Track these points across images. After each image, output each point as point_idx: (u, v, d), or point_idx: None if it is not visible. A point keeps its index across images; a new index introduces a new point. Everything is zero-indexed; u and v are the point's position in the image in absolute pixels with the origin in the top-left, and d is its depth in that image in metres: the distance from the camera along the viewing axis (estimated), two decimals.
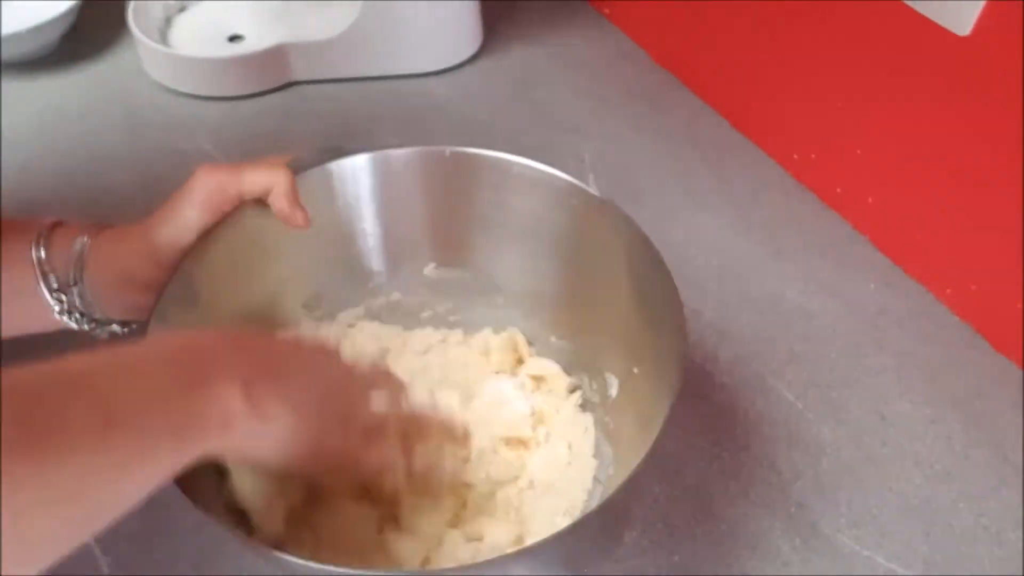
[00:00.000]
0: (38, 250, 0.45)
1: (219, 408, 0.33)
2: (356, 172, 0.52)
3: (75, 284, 0.45)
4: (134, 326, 0.48)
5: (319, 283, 0.54)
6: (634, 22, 0.89)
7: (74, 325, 0.46)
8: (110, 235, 0.47)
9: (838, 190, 0.71)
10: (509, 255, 0.54)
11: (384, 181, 0.52)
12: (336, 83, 0.82)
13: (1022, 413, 0.57)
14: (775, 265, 0.67)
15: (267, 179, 0.46)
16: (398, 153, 0.52)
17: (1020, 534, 0.51)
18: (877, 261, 0.67)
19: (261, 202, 0.47)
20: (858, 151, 0.67)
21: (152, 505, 0.50)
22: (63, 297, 0.45)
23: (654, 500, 0.52)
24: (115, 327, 0.48)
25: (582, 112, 0.81)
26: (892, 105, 0.62)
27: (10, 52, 0.80)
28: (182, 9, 0.87)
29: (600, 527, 0.47)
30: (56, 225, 0.46)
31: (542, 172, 0.50)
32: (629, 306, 0.48)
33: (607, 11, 0.92)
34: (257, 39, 0.82)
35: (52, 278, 0.44)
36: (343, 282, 0.55)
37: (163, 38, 0.83)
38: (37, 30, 0.79)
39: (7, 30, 0.77)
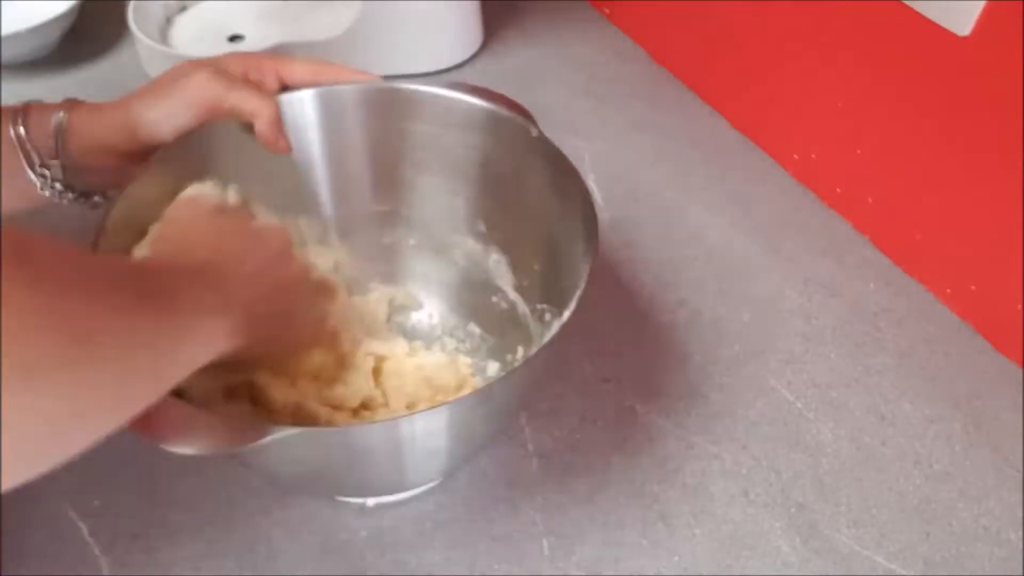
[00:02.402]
0: (16, 128, 0.46)
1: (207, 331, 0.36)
2: (302, 105, 0.52)
3: (56, 157, 0.47)
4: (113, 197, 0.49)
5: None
6: (634, 22, 0.89)
7: (57, 199, 0.48)
8: (88, 108, 0.48)
9: (838, 190, 0.71)
10: (443, 186, 0.56)
11: (328, 116, 0.53)
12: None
13: (1022, 413, 0.57)
14: (775, 265, 0.67)
15: (255, 104, 0.49)
16: (343, 89, 0.53)
17: (1020, 534, 0.51)
18: (877, 261, 0.67)
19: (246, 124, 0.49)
20: (858, 151, 0.67)
21: (152, 504, 0.50)
22: (46, 172, 0.47)
23: (654, 500, 0.52)
24: (97, 198, 0.50)
25: (582, 112, 0.81)
26: (892, 105, 0.62)
27: (10, 52, 0.80)
28: (182, 9, 0.87)
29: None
30: (28, 106, 0.48)
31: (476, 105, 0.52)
32: (547, 211, 0.51)
33: (607, 11, 0.92)
34: (257, 39, 0.82)
35: (34, 154, 0.46)
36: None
37: (163, 38, 0.83)
38: (37, 30, 0.79)
39: (7, 30, 0.77)
